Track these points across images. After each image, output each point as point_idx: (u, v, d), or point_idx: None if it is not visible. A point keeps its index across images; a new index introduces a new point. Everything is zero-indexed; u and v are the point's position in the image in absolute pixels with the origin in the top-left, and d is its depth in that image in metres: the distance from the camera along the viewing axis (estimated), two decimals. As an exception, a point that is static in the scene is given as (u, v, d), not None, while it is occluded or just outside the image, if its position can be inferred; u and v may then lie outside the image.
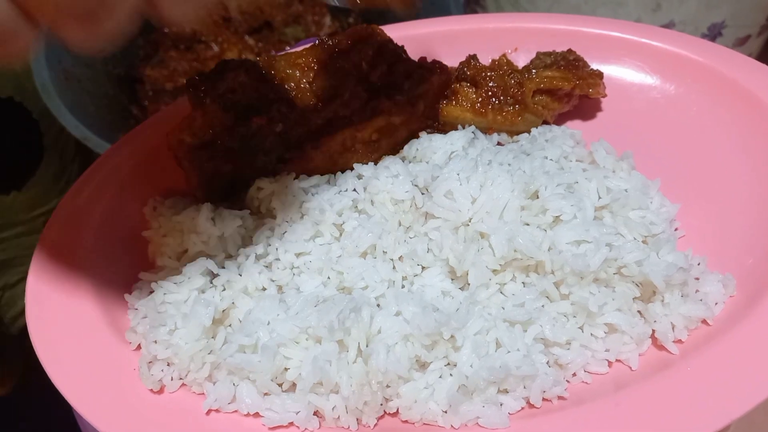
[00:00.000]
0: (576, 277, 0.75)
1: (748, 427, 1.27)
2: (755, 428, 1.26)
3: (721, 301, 0.76)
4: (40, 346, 0.75)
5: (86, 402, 0.70)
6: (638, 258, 0.75)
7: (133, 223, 0.89)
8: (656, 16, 1.45)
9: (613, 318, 0.74)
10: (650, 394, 0.67)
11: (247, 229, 0.85)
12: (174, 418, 0.69)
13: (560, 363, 0.73)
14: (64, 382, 0.71)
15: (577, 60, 0.97)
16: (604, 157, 0.88)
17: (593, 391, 0.72)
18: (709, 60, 0.98)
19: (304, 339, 0.71)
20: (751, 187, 0.86)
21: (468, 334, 0.72)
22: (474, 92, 0.94)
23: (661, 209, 0.85)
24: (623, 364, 0.74)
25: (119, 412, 0.69)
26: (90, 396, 0.70)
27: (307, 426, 0.68)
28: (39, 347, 0.75)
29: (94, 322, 0.77)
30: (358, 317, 0.71)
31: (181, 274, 0.79)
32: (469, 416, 0.68)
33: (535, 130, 0.95)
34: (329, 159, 0.91)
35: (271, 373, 0.70)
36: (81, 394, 0.70)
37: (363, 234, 0.81)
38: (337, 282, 0.79)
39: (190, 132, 0.85)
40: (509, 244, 0.76)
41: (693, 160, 0.91)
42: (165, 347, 0.71)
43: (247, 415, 0.69)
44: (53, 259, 0.83)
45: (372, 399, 0.69)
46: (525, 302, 0.74)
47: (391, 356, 0.70)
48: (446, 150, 0.89)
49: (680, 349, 0.73)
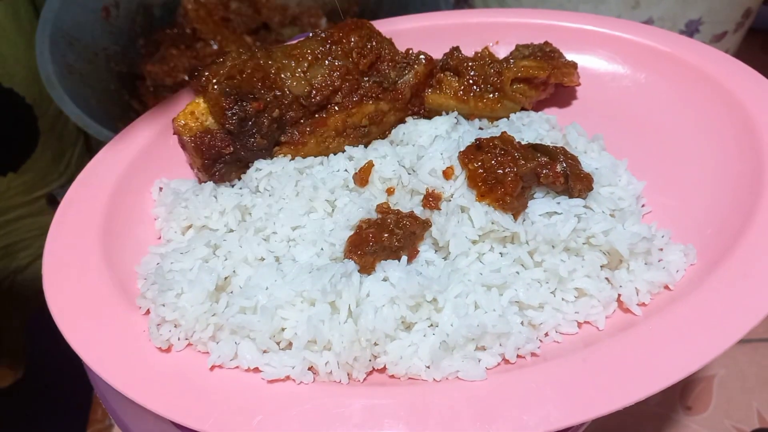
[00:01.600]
0: (548, 245, 0.82)
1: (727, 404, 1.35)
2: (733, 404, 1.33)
3: (682, 269, 0.83)
4: (57, 314, 0.81)
5: (101, 361, 0.76)
6: (605, 228, 0.82)
7: (141, 202, 0.96)
8: (635, 13, 1.52)
9: (582, 283, 0.81)
10: (614, 351, 0.74)
11: (246, 206, 0.92)
12: (181, 373, 0.75)
13: (533, 324, 0.80)
14: (81, 344, 0.78)
15: (553, 51, 1.04)
16: (576, 138, 0.95)
17: (564, 349, 0.79)
18: (677, 51, 1.05)
19: (299, 301, 0.78)
20: (712, 167, 0.93)
21: (449, 296, 0.79)
22: (457, 81, 1.01)
23: (628, 186, 0.91)
24: (591, 325, 0.82)
25: (131, 369, 0.76)
26: (104, 356, 0.77)
27: (302, 379, 0.75)
28: (56, 315, 0.81)
29: (106, 291, 0.83)
30: (348, 281, 0.78)
31: (186, 245, 0.85)
32: (449, 370, 0.75)
33: (514, 115, 1.02)
34: (322, 142, 0.97)
35: (269, 332, 0.76)
36: (96, 354, 0.77)
37: (354, 209, 0.88)
38: (329, 253, 0.85)
39: (193, 117, 0.92)
40: (487, 217, 0.83)
41: (659, 142, 0.98)
42: (172, 310, 0.77)
43: (248, 370, 0.76)
44: (68, 238, 0.90)
45: (361, 355, 0.76)
46: (501, 268, 0.81)
47: (378, 317, 0.77)
48: (431, 134, 0.96)
49: (644, 311, 0.81)
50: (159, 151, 1.01)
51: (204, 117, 0.92)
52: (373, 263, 0.81)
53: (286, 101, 0.94)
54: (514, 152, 0.83)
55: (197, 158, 0.92)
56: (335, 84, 0.95)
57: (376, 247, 0.82)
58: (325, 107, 0.96)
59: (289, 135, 0.96)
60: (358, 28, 0.98)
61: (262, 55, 0.94)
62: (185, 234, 0.91)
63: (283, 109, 0.94)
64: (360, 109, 0.97)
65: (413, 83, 0.99)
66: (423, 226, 0.84)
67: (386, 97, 0.98)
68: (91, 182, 0.97)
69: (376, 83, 0.97)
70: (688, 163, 0.95)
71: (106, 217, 0.92)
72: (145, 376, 0.75)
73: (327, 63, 0.95)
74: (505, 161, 0.82)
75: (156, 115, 1.05)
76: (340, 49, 0.96)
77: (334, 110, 0.96)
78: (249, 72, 0.91)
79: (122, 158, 0.99)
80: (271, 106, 0.93)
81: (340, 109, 0.96)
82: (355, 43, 0.96)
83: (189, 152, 0.94)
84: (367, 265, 0.81)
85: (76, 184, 0.96)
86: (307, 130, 0.96)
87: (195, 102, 0.92)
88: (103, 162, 1.00)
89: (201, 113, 0.92)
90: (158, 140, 1.02)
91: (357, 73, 0.97)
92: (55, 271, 0.86)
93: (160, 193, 0.97)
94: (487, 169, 0.82)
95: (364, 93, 0.97)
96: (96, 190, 0.95)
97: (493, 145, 0.83)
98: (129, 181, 0.97)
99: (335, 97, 0.96)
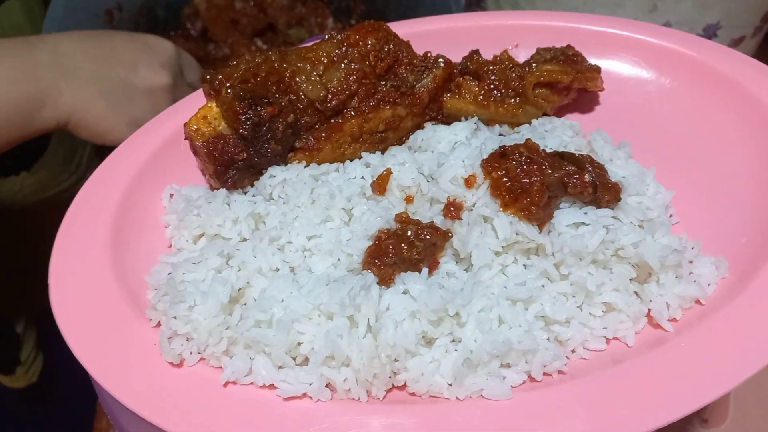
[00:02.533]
0: (575, 258, 0.78)
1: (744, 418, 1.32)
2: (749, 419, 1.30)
3: (713, 282, 0.80)
4: (64, 325, 0.78)
5: (109, 376, 0.73)
6: (635, 240, 0.78)
7: (152, 209, 0.93)
8: (652, 17, 1.49)
9: (610, 297, 0.78)
10: (645, 369, 0.71)
11: (260, 214, 0.89)
12: (193, 389, 0.72)
13: (560, 339, 0.77)
14: (88, 358, 0.75)
15: (576, 55, 1.01)
16: (602, 146, 0.92)
17: (592, 366, 0.76)
18: (702, 55, 1.02)
19: (316, 315, 0.75)
20: (742, 175, 0.90)
21: (472, 311, 0.76)
22: (476, 85, 0.98)
23: (656, 195, 0.88)
24: (620, 341, 0.78)
25: (140, 385, 0.73)
26: (112, 370, 0.74)
27: (320, 397, 0.71)
28: (63, 326, 0.78)
29: (115, 301, 0.80)
30: (367, 294, 0.75)
31: (199, 255, 0.82)
32: (473, 388, 0.72)
33: (536, 121, 0.98)
34: (338, 148, 0.94)
35: (285, 347, 0.73)
36: (103, 369, 0.74)
37: (372, 218, 0.85)
38: (346, 263, 0.82)
39: (206, 122, 0.89)
40: (511, 228, 0.80)
41: (687, 149, 0.95)
42: (185, 323, 0.74)
43: (263, 386, 0.73)
44: (75, 245, 0.87)
45: (381, 372, 0.72)
46: (526, 282, 0.78)
47: (399, 331, 0.73)
48: (450, 140, 0.93)
49: (674, 326, 0.77)
50: (170, 156, 0.99)
51: (217, 122, 0.89)
52: (392, 275, 0.78)
53: (301, 106, 0.91)
54: (540, 160, 0.80)
55: (209, 164, 0.89)
56: (351, 88, 0.92)
57: (395, 259, 0.79)
58: (341, 112, 0.93)
59: (304, 140, 0.93)
60: (375, 30, 0.95)
61: (276, 58, 0.91)
62: (197, 243, 0.88)
63: (298, 114, 0.91)
64: (377, 114, 0.94)
65: (431, 87, 0.96)
66: (444, 236, 0.81)
67: (404, 101, 0.95)
68: (100, 188, 0.94)
69: (394, 87, 0.94)
70: (717, 171, 0.92)
71: (115, 225, 0.89)
72: (155, 392, 0.72)
73: (343, 66, 0.93)
74: (530, 170, 0.79)
75: (166, 119, 1.02)
76: (356, 52, 0.93)
77: (350, 115, 0.93)
78: (263, 75, 0.89)
79: (132, 163, 0.97)
80: (286, 110, 0.90)
81: (357, 114, 0.93)
82: (372, 45, 0.93)
83: (201, 158, 0.91)
84: (386, 277, 0.78)
85: (84, 190, 0.93)
86: (322, 136, 0.93)
87: (207, 106, 0.89)
88: (112, 167, 0.97)
89: (214, 118, 0.89)
90: (169, 145, 0.99)
91: (374, 77, 0.94)
92: (62, 280, 0.83)
93: (170, 199, 0.94)
94: (512, 177, 0.79)
95: (381, 97, 0.94)
96: (105, 196, 0.93)
97: (519, 153, 0.80)
98: (139, 187, 0.95)
99: (351, 102, 0.93)
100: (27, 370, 1.70)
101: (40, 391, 1.74)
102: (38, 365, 1.74)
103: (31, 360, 1.71)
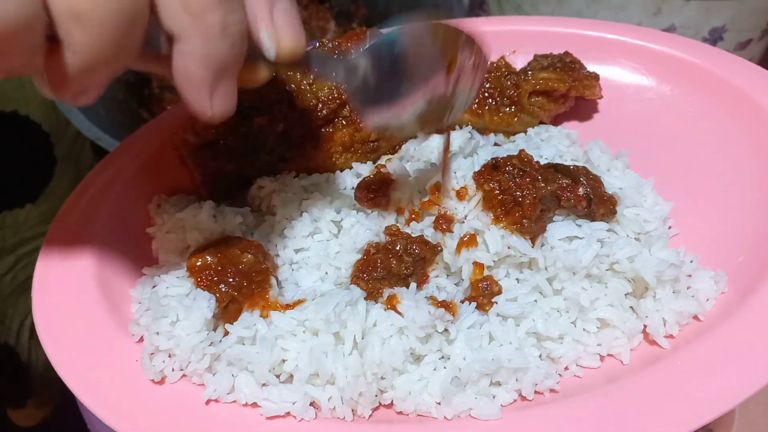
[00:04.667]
0: (568, 272, 0.76)
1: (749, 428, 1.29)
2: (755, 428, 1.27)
3: (712, 298, 0.77)
4: (45, 337, 0.77)
5: (89, 392, 0.72)
6: (630, 254, 0.76)
7: (138, 219, 0.92)
8: (657, 20, 1.47)
9: (605, 313, 0.76)
10: (640, 388, 0.68)
11: (248, 226, 0.87)
12: (174, 407, 0.71)
13: (552, 357, 0.75)
14: (68, 372, 0.73)
15: (574, 62, 0.99)
16: (599, 156, 0.90)
17: (585, 384, 0.74)
18: (704, 62, 1.00)
19: (301, 331, 0.73)
20: (743, 187, 0.87)
21: (461, 327, 0.74)
22: (471, 93, 0.96)
23: (654, 207, 0.86)
24: (615, 358, 0.76)
25: (121, 402, 0.71)
26: (93, 386, 0.72)
27: (304, 416, 0.70)
28: (44, 338, 0.77)
29: (98, 315, 0.79)
30: (354, 310, 0.73)
31: (184, 268, 0.81)
32: (462, 408, 0.70)
33: (532, 130, 0.96)
34: (329, 158, 0.93)
35: (269, 365, 0.72)
36: (84, 384, 0.72)
37: (361, 231, 0.83)
38: (334, 277, 0.80)
39: (194, 132, 0.87)
40: (503, 241, 0.78)
41: (686, 159, 0.93)
42: (167, 338, 0.73)
43: (246, 405, 0.71)
44: (60, 255, 0.85)
45: (367, 390, 0.70)
46: (518, 297, 0.76)
47: (386, 348, 0.71)
48: (443, 150, 0.91)
49: (671, 344, 0.75)
50: (158, 164, 0.97)
51: (205, 131, 0.87)
52: (380, 290, 0.76)
53: (291, 115, 0.89)
54: (533, 173, 0.77)
55: (197, 174, 0.88)
56: (343, 97, 0.90)
57: (384, 273, 0.77)
58: (331, 121, 0.92)
59: (294, 150, 0.91)
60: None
61: (266, 67, 0.89)
62: (182, 255, 0.87)
63: (288, 124, 0.90)
64: (368, 123, 0.92)
65: (425, 95, 0.94)
66: (433, 250, 0.79)
67: (397, 110, 0.93)
68: (87, 196, 0.92)
69: (386, 96, 0.93)
70: (718, 182, 0.89)
71: (101, 236, 0.88)
72: (136, 409, 0.70)
73: (334, 75, 0.91)
74: (523, 183, 0.77)
75: (157, 126, 1.01)
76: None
77: (341, 124, 0.92)
78: (252, 85, 0.87)
79: (119, 173, 0.95)
80: (276, 120, 0.89)
81: (348, 123, 0.92)
82: (363, 53, 0.91)
83: (189, 168, 0.89)
84: (374, 291, 0.76)
85: (70, 201, 0.92)
86: (312, 146, 0.91)
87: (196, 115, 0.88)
88: (100, 175, 0.95)
89: (202, 127, 0.87)
90: (158, 153, 0.97)
91: (366, 85, 0.92)
92: (46, 293, 0.81)
93: (157, 209, 0.92)
94: (504, 190, 0.77)
95: (373, 106, 0.92)
96: (91, 206, 0.91)
97: (511, 165, 0.78)
98: (126, 197, 0.93)
99: (342, 111, 0.91)
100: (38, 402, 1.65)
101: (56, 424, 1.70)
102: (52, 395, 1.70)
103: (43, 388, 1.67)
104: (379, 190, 0.85)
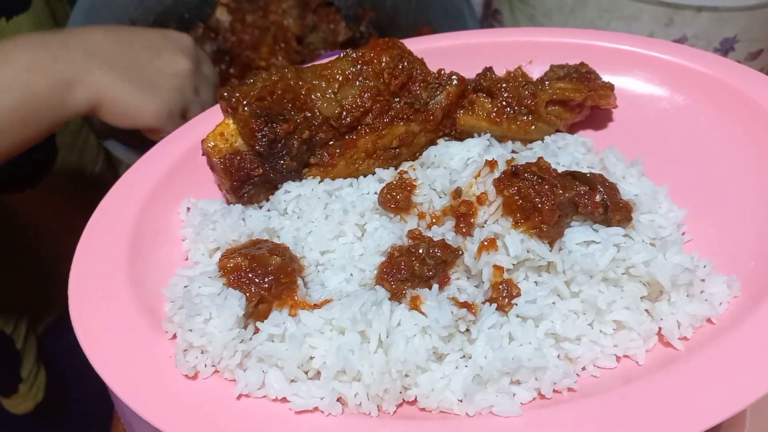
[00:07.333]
0: (585, 275, 0.79)
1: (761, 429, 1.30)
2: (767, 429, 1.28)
3: (725, 302, 0.80)
4: (82, 336, 0.80)
5: (126, 387, 0.75)
6: (646, 258, 0.79)
7: (169, 222, 0.95)
8: (669, 31, 1.49)
9: (621, 315, 0.78)
10: (655, 388, 0.71)
11: (274, 229, 0.90)
12: (207, 401, 0.74)
13: (570, 357, 0.77)
14: (106, 369, 0.76)
15: (589, 72, 1.01)
16: (615, 163, 0.92)
17: (602, 384, 0.76)
18: (717, 72, 1.02)
19: (328, 330, 0.76)
20: (756, 195, 0.90)
21: (482, 327, 0.76)
22: (489, 102, 0.99)
23: (669, 214, 0.88)
24: (631, 359, 0.78)
25: (156, 396, 0.74)
26: (129, 381, 0.75)
27: (331, 411, 0.72)
28: (82, 337, 0.80)
29: (132, 314, 0.82)
30: (379, 310, 0.76)
31: (215, 268, 0.84)
32: (483, 405, 0.73)
33: (548, 138, 0.99)
34: (352, 164, 0.96)
35: (297, 361, 0.75)
36: (121, 379, 0.76)
37: (384, 234, 0.86)
38: (359, 279, 0.83)
39: (223, 138, 0.91)
40: (522, 245, 0.80)
41: (700, 167, 0.95)
42: (200, 335, 0.76)
43: (275, 400, 0.74)
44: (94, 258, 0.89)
45: (392, 387, 0.73)
46: (537, 299, 0.78)
47: (409, 347, 0.74)
48: (463, 156, 0.94)
49: (685, 345, 0.77)
50: (187, 170, 1.00)
51: (233, 138, 0.91)
52: (404, 291, 0.79)
53: (316, 122, 0.93)
54: (551, 180, 0.80)
55: (226, 180, 0.91)
56: (366, 105, 0.93)
57: (407, 275, 0.80)
58: (355, 128, 0.95)
59: (319, 157, 0.95)
60: (390, 48, 0.96)
61: (292, 76, 0.93)
62: (212, 256, 0.90)
63: (313, 131, 0.93)
64: (391, 131, 0.95)
65: (445, 104, 0.97)
66: (454, 253, 0.82)
67: (417, 118, 0.96)
68: (118, 202, 0.96)
69: (407, 104, 0.96)
70: (730, 189, 0.92)
71: (133, 238, 0.91)
72: (170, 403, 0.73)
73: (358, 84, 0.94)
74: (542, 189, 0.79)
75: (183, 135, 1.04)
76: (371, 70, 0.94)
77: (364, 131, 0.95)
78: (279, 93, 0.90)
79: (150, 178, 0.99)
80: (301, 127, 0.92)
81: (371, 131, 0.95)
82: (386, 63, 0.95)
83: (218, 173, 0.93)
84: (398, 292, 0.79)
85: (103, 204, 0.95)
86: (336, 152, 0.95)
87: (224, 123, 0.91)
88: (131, 182, 0.99)
89: (230, 134, 0.91)
90: (186, 160, 1.01)
91: (388, 94, 0.95)
92: (81, 293, 0.85)
93: (187, 213, 0.96)
94: (524, 197, 0.80)
95: (395, 114, 0.95)
96: (123, 210, 0.94)
97: (530, 172, 0.81)
98: (156, 201, 0.96)
99: (366, 119, 0.94)
100: (30, 387, 1.67)
101: (48, 409, 1.72)
102: (42, 380, 1.72)
103: (33, 376, 1.69)
104: (402, 195, 0.88)
